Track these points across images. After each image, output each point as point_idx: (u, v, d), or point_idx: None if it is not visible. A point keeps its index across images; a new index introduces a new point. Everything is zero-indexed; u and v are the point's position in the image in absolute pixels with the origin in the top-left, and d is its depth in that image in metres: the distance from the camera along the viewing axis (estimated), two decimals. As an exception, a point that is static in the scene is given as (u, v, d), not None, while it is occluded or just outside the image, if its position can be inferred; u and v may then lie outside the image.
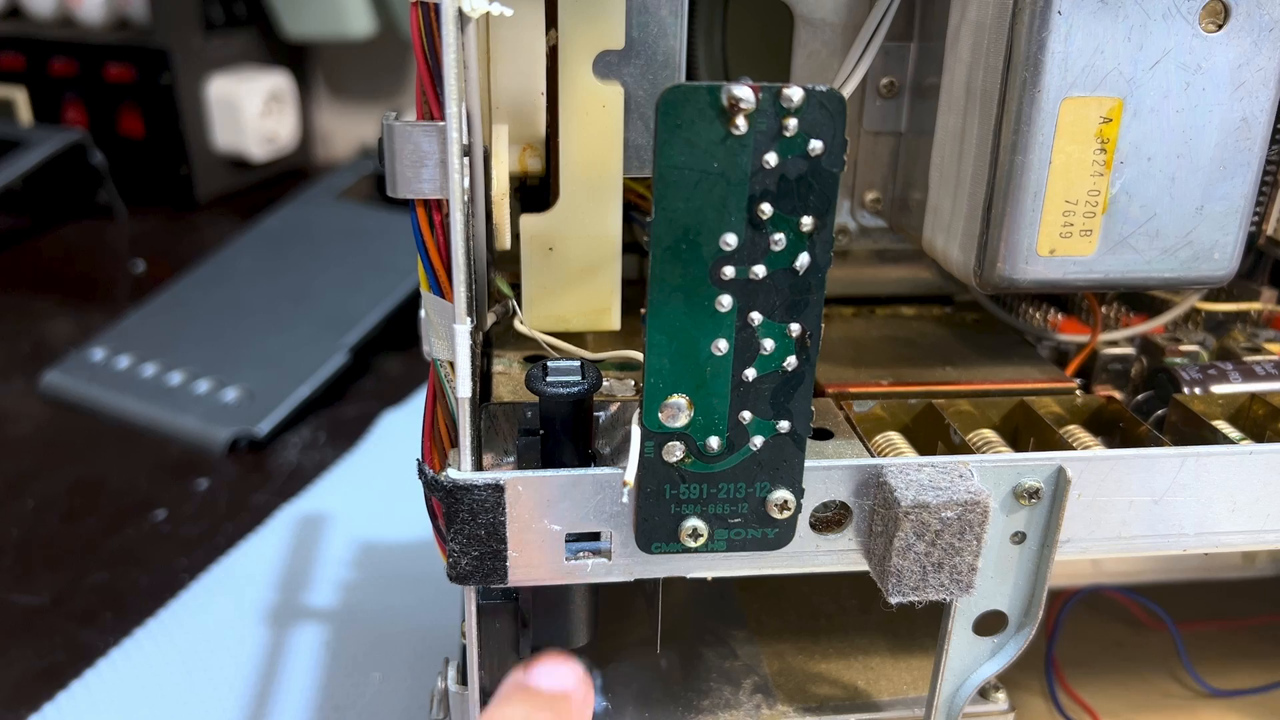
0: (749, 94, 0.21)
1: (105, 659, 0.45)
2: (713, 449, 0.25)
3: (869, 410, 0.31)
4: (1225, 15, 0.27)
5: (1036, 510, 0.27)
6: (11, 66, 1.06)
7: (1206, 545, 0.29)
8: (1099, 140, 0.28)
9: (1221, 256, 0.29)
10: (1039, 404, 0.32)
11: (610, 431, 0.29)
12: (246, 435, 0.64)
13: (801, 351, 0.24)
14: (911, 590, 0.26)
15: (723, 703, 0.33)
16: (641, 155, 0.30)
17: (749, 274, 0.23)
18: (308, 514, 0.56)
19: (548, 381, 0.26)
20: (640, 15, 0.29)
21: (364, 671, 0.44)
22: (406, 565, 0.52)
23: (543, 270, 0.30)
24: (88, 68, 1.04)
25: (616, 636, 0.36)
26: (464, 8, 0.22)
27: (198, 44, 1.04)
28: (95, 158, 0.99)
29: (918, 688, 0.34)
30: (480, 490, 0.25)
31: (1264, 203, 0.34)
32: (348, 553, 0.53)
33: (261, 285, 0.81)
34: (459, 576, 0.26)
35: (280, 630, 0.47)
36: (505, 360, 0.32)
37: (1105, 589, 0.42)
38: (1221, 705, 0.39)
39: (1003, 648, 0.29)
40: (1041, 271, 0.29)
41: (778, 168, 0.22)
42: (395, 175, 0.24)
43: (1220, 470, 0.28)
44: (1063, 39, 0.26)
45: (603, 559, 0.27)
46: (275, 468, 0.62)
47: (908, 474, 0.26)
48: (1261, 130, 0.28)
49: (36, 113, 1.08)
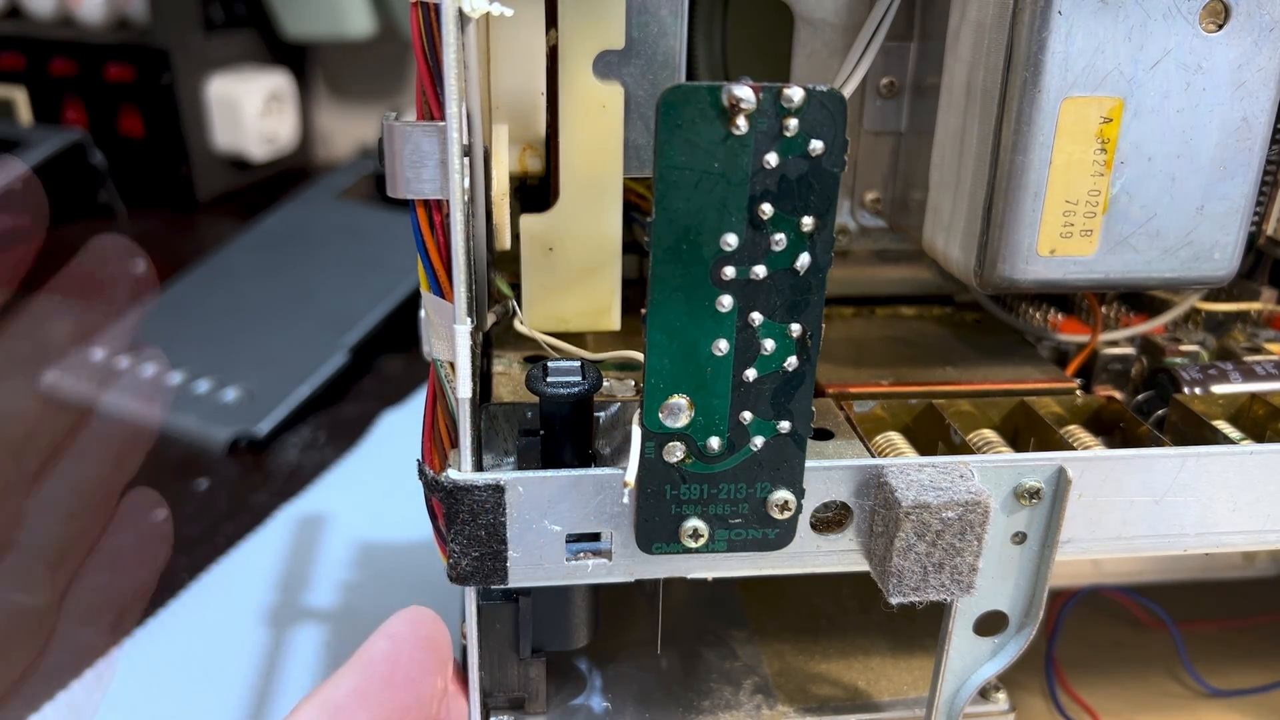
0: (749, 94, 0.21)
1: (105, 659, 0.45)
2: (713, 449, 0.25)
3: (869, 410, 0.31)
4: (1226, 15, 0.27)
5: (1037, 510, 0.27)
6: (11, 66, 1.06)
7: (1207, 545, 0.29)
8: (1099, 140, 0.27)
9: (1222, 256, 0.29)
10: (1039, 404, 0.32)
11: (610, 432, 0.29)
12: (246, 435, 0.64)
13: (802, 352, 0.24)
14: (912, 590, 0.26)
15: (723, 703, 0.33)
16: (641, 155, 0.30)
17: (749, 274, 0.23)
18: (308, 514, 0.56)
19: (548, 382, 0.26)
20: (640, 15, 0.29)
21: (364, 672, 0.44)
22: (406, 565, 0.52)
23: (543, 270, 0.30)
24: (88, 68, 1.04)
25: (616, 636, 0.36)
26: (464, 8, 0.22)
27: (198, 44, 1.04)
28: (95, 158, 0.98)
29: (918, 688, 0.34)
30: (480, 491, 0.25)
31: (1264, 203, 0.34)
32: (348, 553, 0.53)
33: (261, 285, 0.81)
34: (459, 577, 0.26)
35: (280, 630, 0.47)
36: (505, 360, 0.32)
37: (1105, 589, 0.42)
38: (1221, 705, 0.39)
39: (1003, 648, 0.29)
40: (1042, 271, 0.29)
41: (778, 168, 0.22)
42: (395, 175, 0.24)
43: (1221, 470, 0.28)
44: (1063, 39, 0.26)
45: (603, 559, 0.27)
46: (275, 468, 0.62)
47: (908, 474, 0.26)
48: (1262, 130, 0.28)
49: (36, 113, 1.07)
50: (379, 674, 0.25)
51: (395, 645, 0.26)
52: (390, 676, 0.25)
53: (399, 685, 0.25)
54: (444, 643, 0.27)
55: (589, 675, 0.34)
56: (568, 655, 0.35)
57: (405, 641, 0.26)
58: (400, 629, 0.26)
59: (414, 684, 0.25)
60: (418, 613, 0.27)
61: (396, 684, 0.25)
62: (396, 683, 0.25)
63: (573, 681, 0.34)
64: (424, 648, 0.26)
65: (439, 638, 0.27)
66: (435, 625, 0.27)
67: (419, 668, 0.26)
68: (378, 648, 0.26)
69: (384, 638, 0.26)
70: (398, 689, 0.25)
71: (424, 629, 0.26)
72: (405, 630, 0.26)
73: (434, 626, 0.27)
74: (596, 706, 0.33)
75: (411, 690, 0.25)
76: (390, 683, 0.25)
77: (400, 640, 0.26)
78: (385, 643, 0.26)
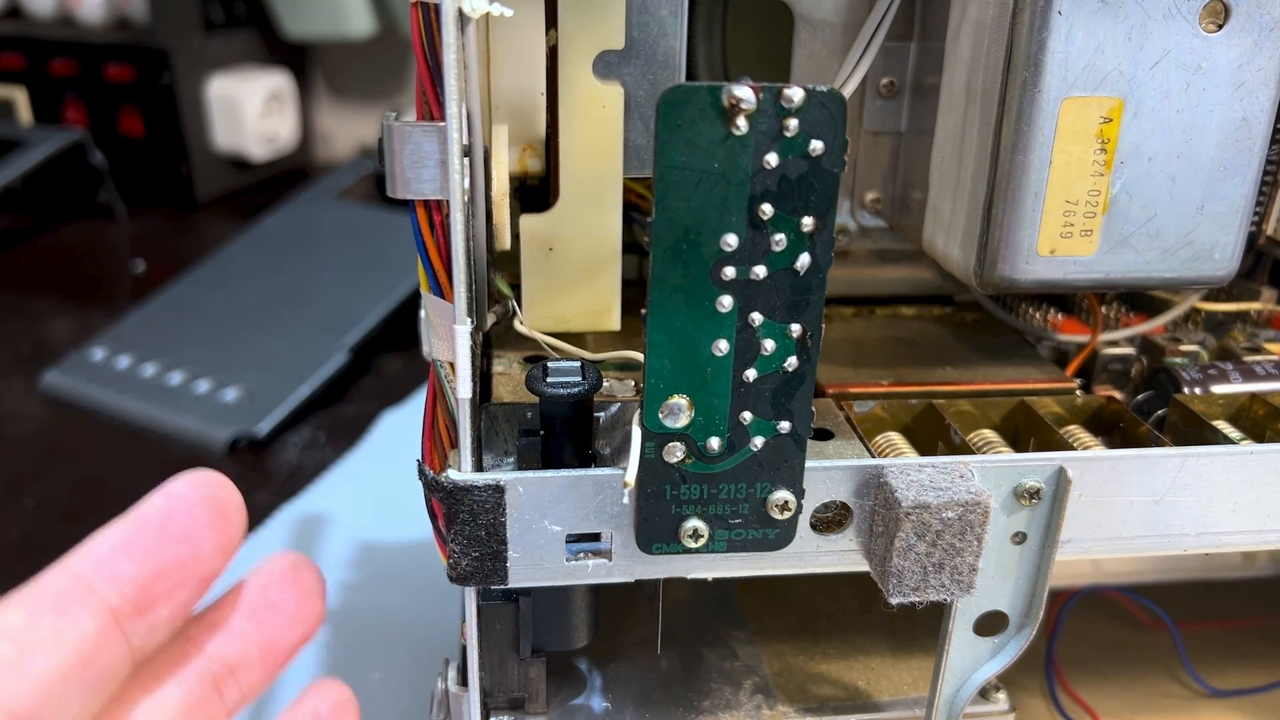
0: (750, 94, 0.21)
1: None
2: (713, 449, 0.25)
3: (869, 410, 0.31)
4: (1225, 15, 0.27)
5: (1037, 510, 0.27)
6: (11, 66, 1.06)
7: (1207, 545, 0.29)
8: (1099, 140, 0.28)
9: (1222, 256, 0.29)
10: (1039, 404, 0.32)
11: (610, 432, 0.29)
12: (246, 435, 0.64)
13: (802, 352, 0.24)
14: (912, 590, 0.26)
15: (723, 703, 0.33)
16: (641, 155, 0.30)
17: (750, 274, 0.23)
18: (308, 514, 0.56)
19: (548, 382, 0.26)
20: (640, 15, 0.29)
21: (364, 671, 0.44)
22: (406, 565, 0.52)
23: (543, 270, 0.30)
24: (88, 68, 1.04)
25: (616, 636, 0.36)
26: (464, 8, 0.22)
27: (198, 44, 1.04)
28: (95, 158, 0.98)
29: (918, 688, 0.34)
30: (480, 491, 0.25)
31: (1264, 203, 0.34)
32: (347, 553, 0.53)
33: (261, 285, 0.81)
34: (459, 577, 0.26)
35: (280, 630, 0.47)
36: (505, 360, 0.32)
37: (1105, 589, 0.42)
38: (1221, 705, 0.39)
39: (1003, 648, 0.29)
40: (1042, 271, 0.29)
41: (778, 168, 0.22)
42: (395, 175, 0.24)
43: (1221, 470, 0.28)
44: (1063, 39, 0.26)
45: (603, 559, 0.27)
46: (275, 468, 0.62)
47: (908, 474, 0.26)
48: (1262, 130, 0.28)
49: (36, 113, 1.07)
50: (150, 526, 0.23)
51: (170, 501, 0.24)
52: (163, 529, 0.23)
53: (172, 539, 0.23)
54: (230, 502, 0.25)
55: (589, 675, 0.34)
56: (568, 655, 0.35)
57: (183, 498, 0.24)
58: (179, 487, 0.24)
59: (190, 540, 0.23)
60: (203, 474, 0.25)
61: (170, 537, 0.23)
62: (170, 536, 0.23)
63: (573, 681, 0.34)
64: (205, 505, 0.24)
65: (225, 497, 0.25)
66: (221, 485, 0.25)
67: (196, 524, 0.24)
68: (152, 503, 0.23)
69: (161, 495, 0.24)
70: (170, 542, 0.23)
71: (207, 489, 0.24)
72: (184, 489, 0.24)
73: (219, 486, 0.25)
74: (596, 706, 0.33)
75: (188, 545, 0.23)
76: (163, 535, 0.23)
77: (178, 497, 0.24)
78: (161, 499, 0.24)
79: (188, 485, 0.24)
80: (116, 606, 0.22)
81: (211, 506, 0.24)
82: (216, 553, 0.24)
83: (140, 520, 0.23)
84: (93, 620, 0.22)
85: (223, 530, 0.24)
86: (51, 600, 0.22)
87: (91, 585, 0.22)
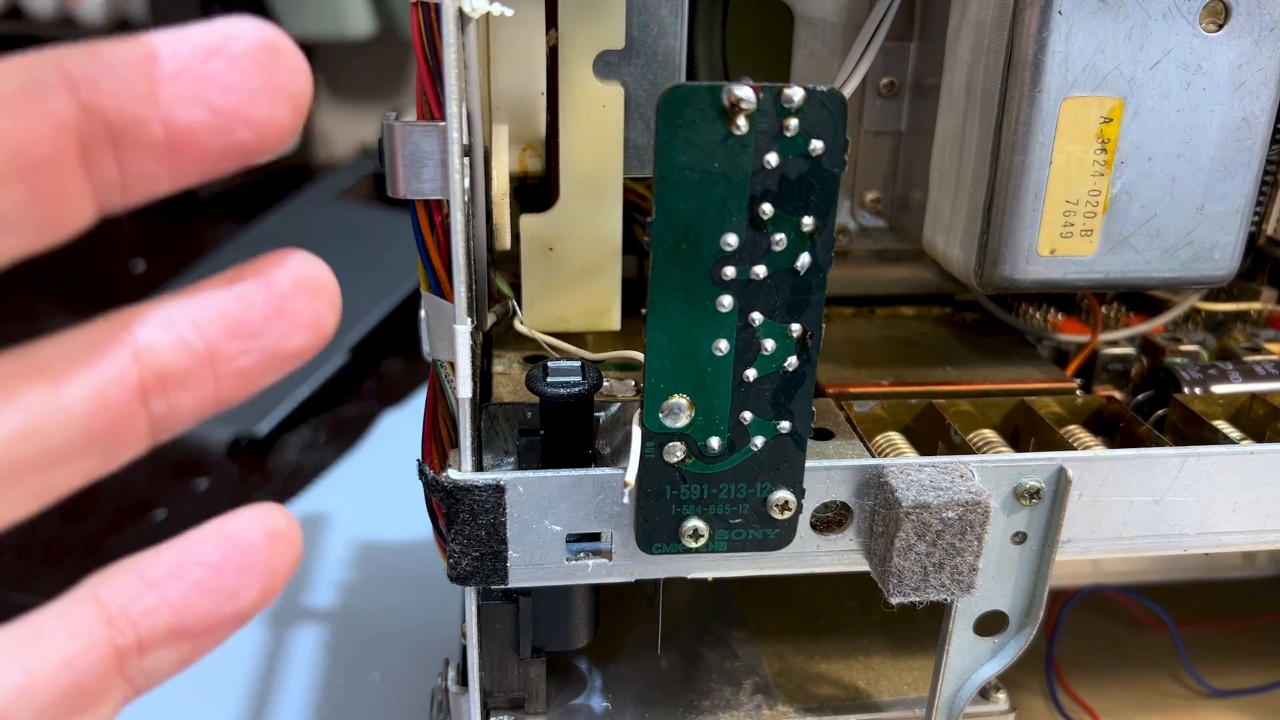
0: (750, 94, 0.21)
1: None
2: (713, 449, 0.25)
3: (869, 410, 0.31)
4: (1226, 15, 0.27)
5: (1037, 510, 0.27)
6: (11, 66, 1.06)
7: (1207, 545, 0.29)
8: (1099, 140, 0.27)
9: (1222, 256, 0.29)
10: (1039, 404, 0.32)
11: (610, 432, 0.29)
12: (246, 435, 0.64)
13: (802, 352, 0.24)
14: (912, 590, 0.26)
15: (723, 703, 0.33)
16: (641, 155, 0.30)
17: (750, 274, 0.23)
18: (308, 514, 0.56)
19: (548, 382, 0.26)
20: (640, 15, 0.29)
21: (364, 671, 0.44)
22: (406, 565, 0.52)
23: (543, 270, 0.30)
24: (87, 68, 1.04)
25: (616, 636, 0.36)
26: (464, 8, 0.22)
27: (198, 44, 1.04)
28: (95, 158, 0.98)
29: (918, 688, 0.34)
30: (481, 491, 0.25)
31: (1264, 203, 0.34)
32: (347, 553, 0.53)
33: (261, 285, 0.81)
34: (459, 577, 0.26)
35: (280, 630, 0.47)
36: (505, 360, 0.32)
37: (1105, 589, 0.42)
38: (1221, 705, 0.39)
39: (1003, 648, 0.29)
40: (1042, 271, 0.29)
41: (779, 168, 0.22)
42: (395, 175, 0.24)
43: (1221, 470, 0.28)
44: (1063, 39, 0.26)
45: (603, 559, 0.27)
46: (275, 468, 0.62)
47: (909, 474, 0.26)
48: (1262, 130, 0.28)
49: (36, 113, 1.07)
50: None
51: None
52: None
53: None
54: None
55: (589, 675, 0.34)
56: (568, 655, 0.35)
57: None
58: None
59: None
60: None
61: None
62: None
63: (573, 681, 0.34)
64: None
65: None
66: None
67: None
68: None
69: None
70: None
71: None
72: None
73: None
74: (596, 706, 0.33)
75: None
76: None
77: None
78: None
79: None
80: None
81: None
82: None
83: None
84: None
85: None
86: None
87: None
